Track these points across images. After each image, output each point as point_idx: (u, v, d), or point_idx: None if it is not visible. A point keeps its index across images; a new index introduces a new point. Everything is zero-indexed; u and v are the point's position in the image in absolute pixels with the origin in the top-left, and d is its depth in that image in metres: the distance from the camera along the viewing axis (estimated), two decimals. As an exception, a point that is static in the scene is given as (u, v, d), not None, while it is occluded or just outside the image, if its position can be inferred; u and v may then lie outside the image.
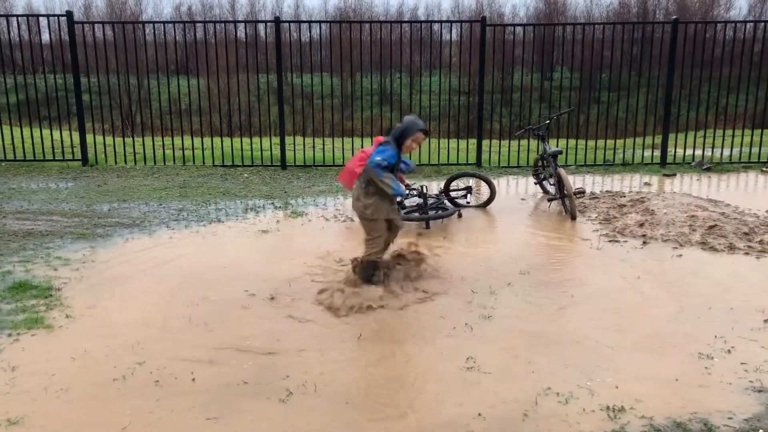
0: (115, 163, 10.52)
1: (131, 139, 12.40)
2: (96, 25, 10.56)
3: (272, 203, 8.05)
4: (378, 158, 4.96)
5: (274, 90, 10.33)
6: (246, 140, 11.08)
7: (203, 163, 10.39)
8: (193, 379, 3.84)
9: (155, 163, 10.47)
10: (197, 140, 11.03)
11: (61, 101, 11.67)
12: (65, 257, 6.02)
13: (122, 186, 9.03)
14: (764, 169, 9.95)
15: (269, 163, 10.48)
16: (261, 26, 12.39)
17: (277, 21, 10.21)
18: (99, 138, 11.65)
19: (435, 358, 4.12)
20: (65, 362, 4.06)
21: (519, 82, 12.20)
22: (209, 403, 3.58)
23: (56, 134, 10.96)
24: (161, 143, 11.63)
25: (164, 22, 11.16)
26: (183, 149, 10.95)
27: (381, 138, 5.22)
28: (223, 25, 10.68)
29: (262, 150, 10.68)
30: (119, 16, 39.49)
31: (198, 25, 11.80)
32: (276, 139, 10.56)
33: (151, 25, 10.90)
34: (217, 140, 10.59)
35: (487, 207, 7.81)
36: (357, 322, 4.66)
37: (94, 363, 4.05)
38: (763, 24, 12.03)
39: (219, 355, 4.15)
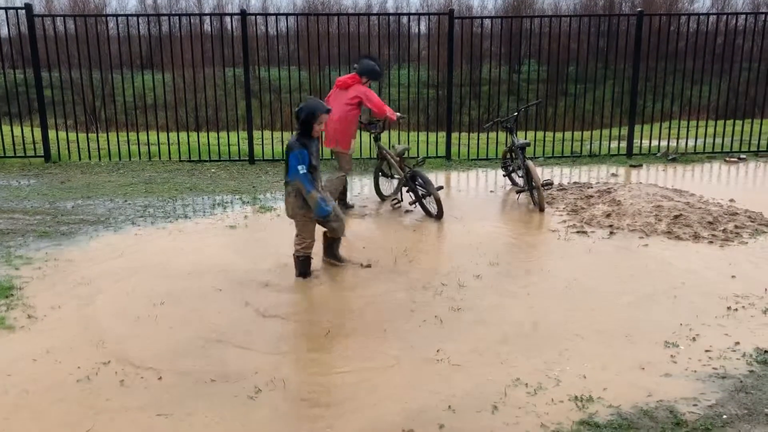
0: (79, 159, 10.30)
1: (95, 134, 12.16)
2: (57, 19, 10.31)
3: (240, 198, 7.96)
4: (301, 169, 4.98)
5: (242, 84, 10.22)
6: (213, 135, 10.94)
7: (169, 158, 10.23)
8: (160, 378, 3.78)
9: (120, 158, 10.28)
10: (163, 135, 10.86)
11: (22, 97, 11.39)
12: (27, 256, 5.87)
13: (86, 182, 8.85)
14: (727, 159, 10.13)
15: (237, 158, 10.36)
16: (228, 19, 12.24)
17: (243, 14, 10.08)
18: (62, 134, 11.39)
19: (405, 351, 4.11)
20: (27, 363, 3.96)
21: (488, 75, 12.26)
22: (173, 402, 3.52)
23: (17, 130, 10.69)
24: (126, 139, 11.42)
25: (128, 15, 10.95)
26: (149, 144, 10.76)
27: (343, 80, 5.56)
28: (188, 18, 10.50)
29: (229, 145, 10.55)
30: (82, 9, 38.67)
31: (163, 18, 11.58)
32: (244, 134, 10.44)
33: (115, 18, 10.68)
34: (183, 135, 10.43)
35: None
36: (325, 318, 4.63)
37: (57, 364, 3.96)
38: (725, 17, 12.25)
39: (186, 353, 4.09)
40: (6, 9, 10.47)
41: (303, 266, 5.35)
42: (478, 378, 3.77)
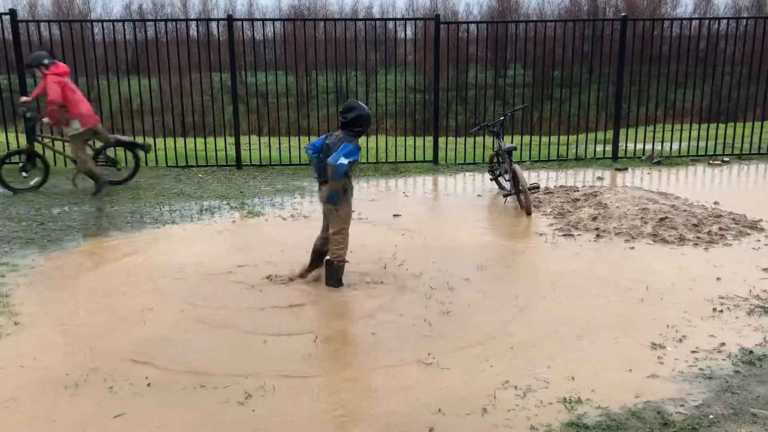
0: (65, 165, 10.23)
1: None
2: (42, 24, 10.26)
3: (228, 204, 7.95)
4: (345, 162, 4.81)
5: (229, 89, 10.21)
6: (200, 140, 10.91)
7: (156, 164, 10.19)
8: (149, 384, 3.76)
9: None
10: (149, 141, 10.81)
11: (6, 102, 11.28)
12: (13, 263, 5.83)
13: (73, 189, 8.79)
14: (711, 161, 10.24)
15: (224, 163, 10.34)
16: (214, 24, 12.23)
17: (229, 19, 10.08)
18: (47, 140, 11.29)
19: (394, 354, 4.12)
20: (14, 371, 3.93)
21: (474, 80, 12.29)
22: (161, 409, 3.51)
23: (1, 137, 10.61)
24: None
25: (114, 21, 10.89)
26: (135, 150, 10.70)
27: None
28: (174, 23, 10.48)
29: (216, 150, 10.53)
30: (66, 14, 38.44)
31: (149, 23, 11.55)
32: (231, 139, 10.43)
33: (101, 23, 10.63)
34: (170, 141, 10.39)
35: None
36: (312, 324, 4.63)
37: (45, 371, 3.93)
38: (707, 21, 12.40)
39: (175, 359, 4.07)
40: (-10, 15, 10.38)
41: (340, 272, 5.17)
42: (468, 380, 3.79)
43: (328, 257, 5.23)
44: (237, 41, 10.15)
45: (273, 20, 10.69)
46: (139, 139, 9.41)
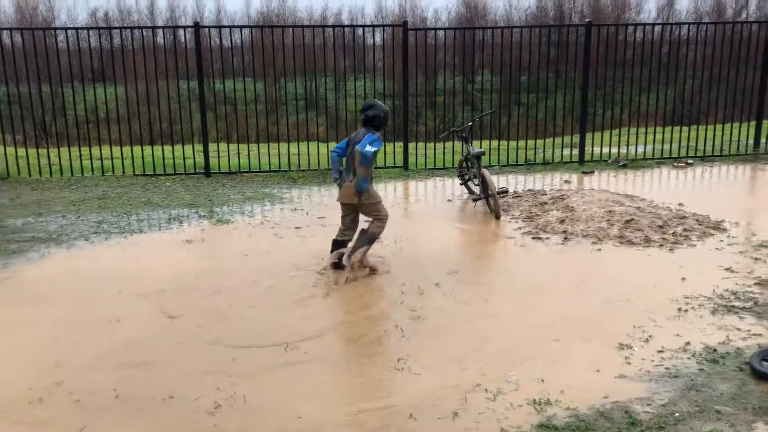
0: (29, 175, 10.06)
1: (47, 150, 11.88)
2: (4, 32, 10.07)
3: (197, 212, 7.88)
4: (371, 149, 5.32)
5: (197, 96, 10.13)
6: (168, 148, 10.79)
7: (123, 173, 10.07)
8: (117, 396, 3.71)
9: (73, 174, 10.06)
10: (117, 150, 10.67)
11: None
12: (-25, 276, 5.70)
13: (37, 199, 8.64)
14: (675, 164, 10.44)
15: (193, 171, 10.25)
16: (181, 32, 12.17)
17: (196, 26, 10.01)
18: (11, 150, 11.08)
19: (366, 360, 4.13)
20: (-24, 387, 3.85)
21: (443, 85, 12.39)
22: (127, 422, 3.46)
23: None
24: (78, 154, 11.19)
25: (79, 29, 10.74)
26: (102, 159, 10.56)
27: None
28: (141, 31, 10.38)
29: (185, 158, 10.43)
30: (30, 22, 37.79)
31: (115, 31, 11.41)
32: (199, 147, 10.34)
33: (65, 31, 10.47)
34: (137, 149, 10.28)
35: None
36: (282, 332, 4.61)
37: (8, 385, 3.85)
38: (670, 26, 12.66)
39: (144, 370, 4.02)
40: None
41: (370, 240, 5.65)
42: (439, 385, 3.80)
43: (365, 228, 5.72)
44: (205, 48, 10.08)
45: (241, 27, 10.64)
46: (106, 148, 9.28)
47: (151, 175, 10.01)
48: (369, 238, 5.68)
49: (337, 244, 5.74)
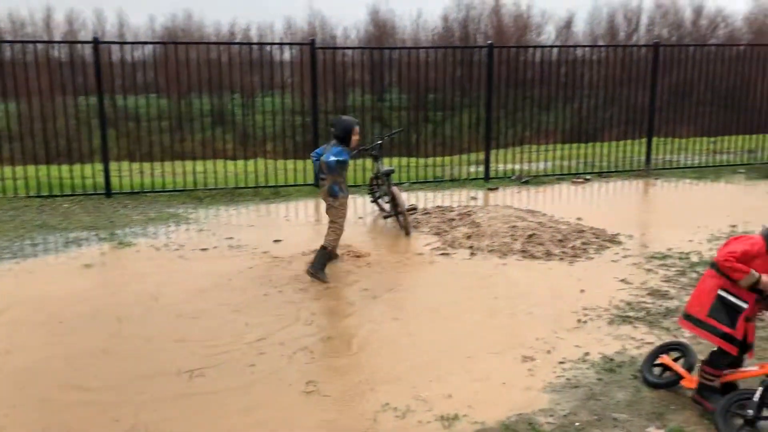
0: None
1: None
2: None
3: (96, 235, 7.53)
4: (334, 159, 5.92)
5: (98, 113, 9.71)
6: (66, 167, 10.29)
7: (16, 194, 9.50)
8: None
9: (-42, 195, 9.42)
10: (9, 169, 10.07)
11: None
12: None
13: None
14: (574, 180, 10.92)
15: (92, 192, 9.80)
16: (80, 47, 11.71)
17: (95, 42, 9.64)
18: None
19: (275, 385, 4.06)
20: None
21: (353, 103, 12.44)
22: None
23: None
24: (-35, 173, 10.48)
25: (-36, 41, 10.06)
26: (-8, 179, 9.94)
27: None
28: (34, 45, 9.89)
29: (84, 178, 9.97)
30: None
31: (6, 44, 10.81)
32: (100, 166, 9.92)
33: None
34: (32, 169, 9.74)
35: None
36: (189, 358, 4.48)
37: None
38: (568, 48, 13.30)
39: (37, 405, 3.79)
40: None
41: (326, 258, 6.08)
42: (349, 406, 3.79)
43: (322, 243, 6.10)
44: (106, 64, 9.72)
45: (143, 43, 10.35)
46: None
47: (47, 197, 9.50)
48: (324, 255, 6.07)
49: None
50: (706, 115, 12.36)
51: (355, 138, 6.14)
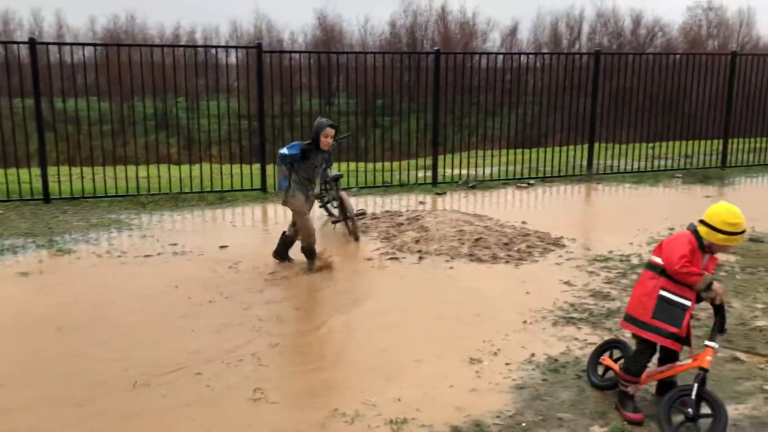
0: None
1: None
2: None
3: (34, 242, 7.27)
4: (283, 151, 6.08)
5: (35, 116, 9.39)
6: (1, 172, 9.92)
7: (-54, 199, 9.11)
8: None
9: None
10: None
11: None
12: None
13: None
14: (518, 185, 11.12)
15: (29, 197, 9.47)
16: (16, 47, 11.31)
17: (32, 42, 9.33)
18: None
19: (221, 392, 3.99)
20: None
21: (302, 107, 12.37)
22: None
23: None
24: None
25: None
26: None
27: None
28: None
29: (20, 183, 9.62)
30: None
31: (-66, 43, 10.37)
32: (37, 170, 9.59)
33: None
34: (-36, 173, 9.34)
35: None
36: (129, 371, 4.36)
37: None
38: (512, 56, 13.55)
39: (-32, 421, 3.64)
40: None
41: (312, 253, 6.34)
42: (297, 413, 3.76)
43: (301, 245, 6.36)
44: (44, 65, 9.41)
45: (83, 45, 10.06)
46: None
47: (-21, 202, 9.13)
48: (305, 253, 6.36)
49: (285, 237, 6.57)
50: (645, 122, 12.75)
51: (325, 140, 6.19)
